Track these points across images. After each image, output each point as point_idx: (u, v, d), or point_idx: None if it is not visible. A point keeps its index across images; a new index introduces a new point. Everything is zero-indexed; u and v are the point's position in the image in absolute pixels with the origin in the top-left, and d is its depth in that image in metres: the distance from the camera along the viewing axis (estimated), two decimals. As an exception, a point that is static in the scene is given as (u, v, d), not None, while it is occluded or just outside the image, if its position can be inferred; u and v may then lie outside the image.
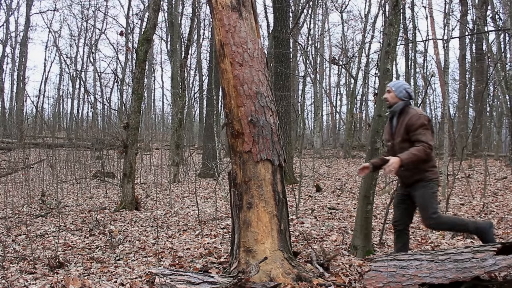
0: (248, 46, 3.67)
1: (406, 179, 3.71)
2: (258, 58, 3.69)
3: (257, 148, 3.55)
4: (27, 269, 4.64)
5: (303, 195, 9.58)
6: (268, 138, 3.60)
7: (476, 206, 7.23)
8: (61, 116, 30.62)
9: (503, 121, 16.46)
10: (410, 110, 3.66)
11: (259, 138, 3.57)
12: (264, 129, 3.59)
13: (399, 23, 4.87)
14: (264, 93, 3.65)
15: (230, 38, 3.65)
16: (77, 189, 12.17)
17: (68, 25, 39.45)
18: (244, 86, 3.59)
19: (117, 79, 23.96)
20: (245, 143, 3.56)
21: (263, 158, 3.56)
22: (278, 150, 3.66)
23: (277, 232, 3.53)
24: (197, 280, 3.19)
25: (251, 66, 3.64)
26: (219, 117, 15.11)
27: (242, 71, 3.61)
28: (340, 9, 23.12)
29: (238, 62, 3.62)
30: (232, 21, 3.68)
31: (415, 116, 3.58)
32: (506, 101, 11.56)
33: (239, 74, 3.60)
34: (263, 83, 3.68)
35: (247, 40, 3.67)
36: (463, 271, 2.99)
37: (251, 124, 3.55)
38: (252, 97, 3.59)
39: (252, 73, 3.64)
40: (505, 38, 14.68)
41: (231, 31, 3.66)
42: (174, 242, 5.73)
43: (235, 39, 3.65)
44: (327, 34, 26.07)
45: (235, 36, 3.66)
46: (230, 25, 3.67)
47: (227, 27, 3.66)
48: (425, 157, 3.54)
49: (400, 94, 3.71)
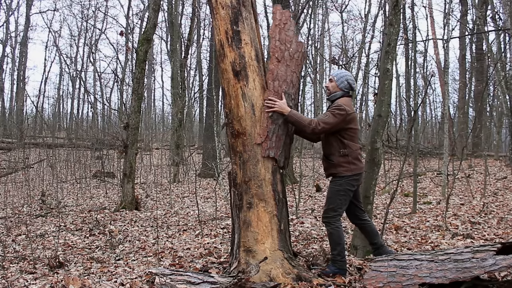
0: (291, 46, 3.74)
1: (325, 171, 3.78)
2: (297, 60, 3.76)
3: (268, 144, 3.56)
4: (27, 269, 4.64)
5: (303, 195, 9.59)
6: (281, 138, 3.62)
7: (476, 206, 7.23)
8: (61, 116, 30.62)
9: (503, 121, 16.44)
10: (340, 100, 3.66)
11: (273, 135, 3.58)
12: (280, 129, 3.61)
13: (399, 23, 4.87)
14: (292, 95, 3.70)
15: (277, 33, 3.73)
16: (77, 189, 12.17)
17: (68, 25, 39.48)
18: (275, 82, 3.65)
19: (117, 79, 23.96)
20: (258, 135, 3.57)
21: (270, 155, 3.56)
22: (286, 153, 3.68)
23: (277, 232, 3.53)
24: (197, 280, 3.19)
25: (288, 66, 3.70)
26: (219, 117, 15.11)
27: (278, 67, 3.68)
28: (340, 9, 23.09)
29: (277, 58, 3.68)
30: (284, 17, 3.78)
31: (336, 103, 3.62)
32: (506, 101, 11.55)
33: (274, 69, 3.67)
34: (294, 86, 3.74)
35: (292, 40, 3.75)
36: (463, 271, 2.98)
37: (270, 119, 3.58)
38: (279, 95, 3.64)
39: (287, 72, 3.70)
40: (505, 38, 14.68)
41: (280, 26, 3.74)
42: (174, 242, 5.73)
43: (281, 35, 3.73)
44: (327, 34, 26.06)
45: (282, 33, 3.74)
46: (281, 21, 3.76)
47: (277, 21, 3.75)
48: (306, 130, 3.55)
49: (342, 85, 3.73)
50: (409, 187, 9.97)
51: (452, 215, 6.56)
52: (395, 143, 12.44)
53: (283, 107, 3.55)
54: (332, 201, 3.62)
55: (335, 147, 3.63)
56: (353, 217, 3.86)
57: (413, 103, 11.20)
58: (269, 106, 3.55)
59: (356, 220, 3.86)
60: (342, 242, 3.61)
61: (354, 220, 3.89)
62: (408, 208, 7.45)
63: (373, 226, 3.91)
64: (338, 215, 3.62)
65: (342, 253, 3.61)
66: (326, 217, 3.64)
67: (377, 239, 3.83)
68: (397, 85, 23.44)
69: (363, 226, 3.87)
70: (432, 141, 20.52)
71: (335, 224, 3.59)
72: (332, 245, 3.63)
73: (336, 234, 3.59)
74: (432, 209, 7.24)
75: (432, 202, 8.02)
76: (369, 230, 3.84)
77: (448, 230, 5.49)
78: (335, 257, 3.59)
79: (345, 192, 3.61)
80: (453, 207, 7.19)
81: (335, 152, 3.63)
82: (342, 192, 3.60)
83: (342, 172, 3.60)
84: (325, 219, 3.65)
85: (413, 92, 12.13)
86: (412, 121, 7.60)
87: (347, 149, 3.60)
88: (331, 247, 3.66)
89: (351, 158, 3.61)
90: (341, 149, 3.61)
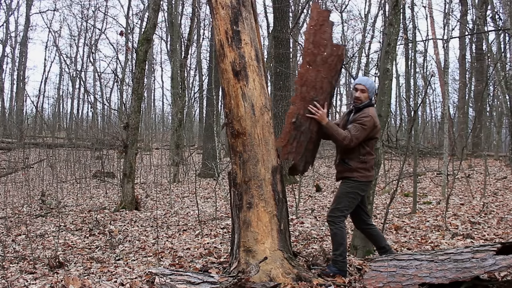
0: (326, 50, 3.61)
1: (338, 174, 3.80)
2: (330, 65, 3.63)
3: (288, 148, 3.60)
4: (27, 269, 4.64)
5: (303, 195, 9.59)
6: (302, 144, 3.63)
7: (476, 206, 7.22)
8: (61, 116, 30.60)
9: (503, 121, 16.45)
10: (366, 109, 3.68)
11: (294, 141, 3.60)
12: (303, 135, 3.62)
13: (399, 23, 4.87)
14: (320, 101, 3.62)
15: (312, 35, 3.61)
16: (77, 189, 12.17)
17: (68, 25, 39.34)
18: (303, 87, 3.60)
19: (117, 79, 23.93)
20: (279, 139, 3.61)
21: (289, 159, 3.61)
22: (308, 158, 3.71)
23: (277, 232, 3.53)
24: (197, 280, 3.19)
25: (319, 71, 3.60)
26: (219, 117, 15.11)
27: (308, 72, 3.60)
28: (340, 9, 23.10)
29: (307, 62, 3.60)
30: (322, 18, 3.63)
31: (365, 113, 3.63)
32: (506, 101, 11.55)
33: (303, 74, 3.60)
34: (324, 92, 3.64)
35: (327, 44, 3.60)
36: (463, 271, 2.99)
37: (293, 125, 3.59)
38: (306, 101, 3.60)
39: (317, 78, 3.61)
40: (505, 38, 14.68)
41: (316, 27, 3.62)
42: (174, 242, 5.73)
43: (316, 37, 3.61)
44: (327, 34, 26.01)
45: (317, 35, 3.61)
46: (318, 22, 3.62)
47: (314, 21, 3.62)
48: (342, 145, 3.60)
49: (371, 95, 3.76)
50: (409, 187, 9.97)
51: (452, 215, 6.56)
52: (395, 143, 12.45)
53: (323, 117, 3.57)
54: (340, 202, 3.66)
55: (355, 153, 3.67)
56: (359, 221, 3.90)
57: (413, 103, 11.20)
58: (311, 112, 3.57)
59: (362, 225, 3.90)
60: (344, 243, 3.64)
61: (360, 225, 3.92)
62: (408, 208, 7.45)
63: (378, 230, 3.97)
64: (343, 216, 3.66)
65: (344, 254, 3.63)
66: (331, 217, 3.66)
67: (385, 242, 3.88)
68: (397, 85, 23.48)
69: (368, 231, 3.90)
70: (432, 141, 20.51)
71: (339, 224, 3.62)
72: (334, 245, 3.65)
73: (340, 235, 3.61)
74: (432, 209, 7.24)
75: (432, 202, 8.02)
76: (375, 235, 3.89)
77: (448, 230, 5.49)
78: (337, 257, 3.60)
79: (354, 196, 3.67)
80: (453, 207, 7.19)
81: (355, 158, 3.67)
82: (352, 194, 3.66)
83: (357, 177, 3.66)
84: (330, 218, 3.67)
85: (413, 92, 12.14)
86: (412, 121, 7.60)
87: (366, 156, 3.67)
88: (333, 247, 3.67)
89: (368, 166, 3.69)
90: (361, 156, 3.66)
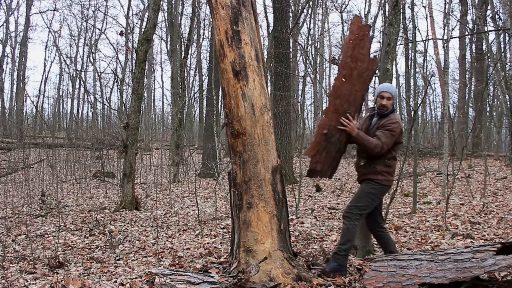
0: (363, 64, 3.66)
1: (361, 176, 3.84)
2: (365, 80, 3.71)
3: (317, 158, 3.71)
4: (27, 269, 4.64)
5: (303, 195, 9.59)
6: (331, 154, 3.74)
7: (476, 206, 7.22)
8: (61, 116, 30.60)
9: (503, 121, 16.44)
10: (392, 115, 3.78)
11: (323, 151, 3.70)
12: (332, 146, 3.71)
13: (399, 23, 4.87)
14: (352, 113, 3.68)
15: (350, 49, 3.64)
16: (77, 189, 12.17)
17: (68, 25, 39.34)
18: (337, 100, 3.65)
19: (117, 79, 23.95)
20: (309, 149, 3.75)
21: (317, 169, 3.75)
22: (334, 165, 3.85)
23: (277, 232, 3.53)
24: (197, 280, 3.19)
25: (354, 85, 3.66)
26: (219, 117, 15.10)
27: (343, 85, 3.64)
28: (340, 9, 23.11)
29: (344, 76, 3.64)
30: (362, 33, 3.66)
31: (392, 120, 3.72)
32: (506, 101, 11.55)
33: (338, 87, 3.64)
34: (356, 104, 3.72)
35: (365, 58, 3.65)
36: (463, 271, 2.99)
37: (324, 136, 3.66)
38: (338, 113, 3.66)
39: (351, 91, 3.67)
40: (505, 38, 14.68)
41: (355, 42, 3.65)
42: (174, 242, 5.73)
43: (354, 51, 3.64)
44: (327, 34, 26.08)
45: (355, 49, 3.65)
46: (358, 37, 3.65)
47: (354, 35, 3.65)
48: (372, 153, 3.65)
49: (395, 102, 3.87)
50: (409, 187, 9.97)
51: (452, 215, 6.56)
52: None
53: (354, 128, 3.64)
54: (361, 201, 3.73)
55: (382, 157, 3.74)
56: (374, 224, 3.96)
57: (413, 103, 11.19)
58: (342, 124, 3.63)
59: (376, 227, 3.96)
60: (352, 240, 3.72)
61: (374, 227, 3.98)
62: (408, 208, 7.45)
63: (389, 235, 4.04)
64: (360, 214, 3.72)
65: (348, 251, 3.69)
66: (349, 213, 3.71)
67: (394, 248, 3.93)
68: (397, 85, 23.43)
69: (381, 234, 3.97)
70: (432, 141, 20.51)
71: (354, 222, 3.68)
72: (342, 239, 3.70)
73: (352, 231, 3.68)
74: (432, 209, 7.24)
75: (432, 202, 8.03)
76: (387, 238, 3.96)
77: (448, 230, 5.49)
78: (340, 251, 3.65)
79: (375, 197, 3.75)
80: (453, 207, 7.19)
81: (380, 162, 3.73)
82: (373, 196, 3.73)
83: (381, 180, 3.74)
84: (347, 214, 3.72)
85: (413, 92, 12.12)
86: (412, 121, 7.60)
87: (391, 161, 3.76)
88: (340, 240, 3.72)
89: (391, 170, 3.79)
90: (387, 160, 3.74)
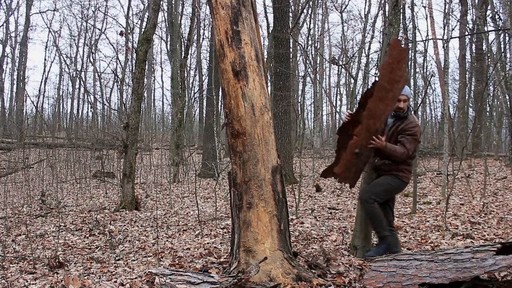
0: (398, 86, 3.69)
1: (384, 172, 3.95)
2: (397, 99, 3.80)
3: (345, 175, 3.82)
4: (27, 269, 4.64)
5: (303, 195, 9.59)
6: (360, 169, 3.92)
7: (476, 206, 7.23)
8: (61, 116, 30.62)
9: (503, 121, 16.45)
10: (410, 117, 3.92)
11: (353, 167, 3.80)
12: (361, 162, 3.82)
13: (399, 23, 4.87)
14: (382, 130, 3.84)
15: (388, 73, 3.62)
16: (77, 189, 12.17)
17: (68, 25, 39.31)
18: (370, 120, 3.68)
19: (117, 79, 23.94)
20: (338, 166, 3.82)
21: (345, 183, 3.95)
22: (359, 176, 4.01)
23: (277, 232, 3.53)
24: (197, 280, 3.19)
25: (387, 105, 3.71)
26: (219, 117, 15.10)
27: (377, 106, 3.67)
28: (340, 9, 23.09)
29: (379, 97, 3.62)
30: (401, 56, 3.61)
31: (412, 123, 3.87)
32: (506, 101, 11.56)
33: (372, 108, 3.64)
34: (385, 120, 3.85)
35: (400, 80, 3.68)
36: (463, 271, 2.99)
37: (355, 155, 3.71)
38: (371, 132, 3.72)
39: (385, 111, 3.74)
40: (505, 38, 14.68)
41: (393, 65, 3.61)
42: (174, 242, 5.73)
43: (391, 74, 3.63)
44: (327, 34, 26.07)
45: (393, 72, 3.63)
46: (396, 59, 3.59)
47: (392, 59, 3.60)
48: (399, 160, 3.81)
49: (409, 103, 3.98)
50: (409, 187, 9.97)
51: (452, 215, 6.56)
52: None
53: (383, 144, 3.75)
54: (378, 188, 3.89)
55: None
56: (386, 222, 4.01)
57: (413, 103, 11.19)
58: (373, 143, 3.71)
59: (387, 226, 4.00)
60: (383, 219, 3.85)
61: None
62: (408, 208, 7.45)
63: (397, 235, 4.14)
64: (374, 200, 3.84)
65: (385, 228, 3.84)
66: (366, 196, 3.87)
67: (399, 249, 4.00)
68: (397, 85, 23.39)
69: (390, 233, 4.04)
70: (432, 141, 20.51)
71: (372, 204, 3.82)
72: (374, 223, 3.87)
73: (377, 212, 3.82)
74: (432, 209, 7.24)
75: (432, 202, 8.03)
76: (395, 238, 4.02)
77: (448, 230, 5.49)
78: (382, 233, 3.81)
79: (392, 190, 3.94)
80: (453, 207, 7.19)
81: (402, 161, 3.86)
82: (391, 188, 3.91)
83: (402, 176, 3.89)
84: (364, 197, 3.88)
85: (413, 92, 12.11)
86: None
87: (411, 160, 3.91)
88: (374, 227, 3.89)
89: (410, 168, 3.95)
90: (409, 159, 3.89)
